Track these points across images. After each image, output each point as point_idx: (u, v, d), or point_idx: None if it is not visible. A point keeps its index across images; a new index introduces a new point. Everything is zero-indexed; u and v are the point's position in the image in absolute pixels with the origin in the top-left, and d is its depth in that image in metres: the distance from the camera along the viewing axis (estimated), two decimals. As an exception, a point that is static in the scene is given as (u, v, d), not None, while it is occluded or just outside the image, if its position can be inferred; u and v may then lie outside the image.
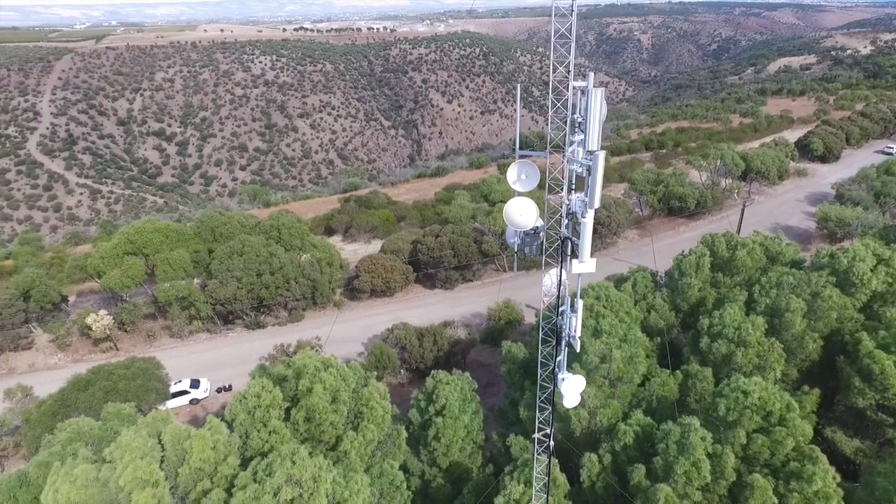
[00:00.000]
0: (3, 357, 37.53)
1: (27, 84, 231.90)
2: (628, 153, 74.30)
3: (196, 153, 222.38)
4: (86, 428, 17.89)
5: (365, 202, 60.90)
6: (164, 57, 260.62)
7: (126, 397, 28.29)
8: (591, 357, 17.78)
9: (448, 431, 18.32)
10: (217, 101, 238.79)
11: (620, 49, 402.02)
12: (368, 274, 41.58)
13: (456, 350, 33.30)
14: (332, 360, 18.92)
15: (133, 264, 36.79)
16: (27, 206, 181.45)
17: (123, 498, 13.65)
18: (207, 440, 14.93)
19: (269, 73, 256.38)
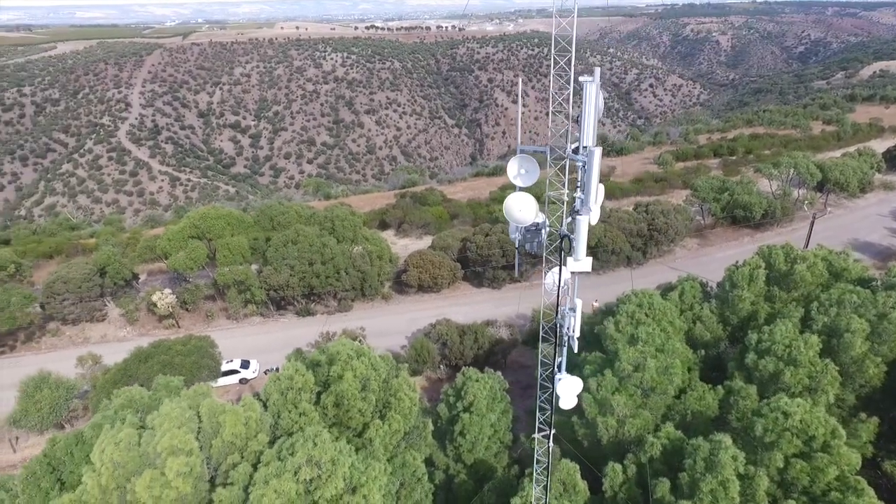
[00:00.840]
0: (80, 327, 40.77)
1: (121, 77, 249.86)
2: (695, 159, 71.20)
3: (267, 146, 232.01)
4: (136, 396, 19.17)
5: (420, 199, 61.60)
6: (243, 53, 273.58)
7: (180, 372, 30.06)
8: (624, 365, 17.29)
9: (474, 428, 18.35)
10: (289, 96, 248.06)
11: (696, 50, 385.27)
12: (416, 269, 42.11)
13: (497, 349, 33.19)
14: (364, 349, 19.36)
15: (196, 247, 38.99)
16: (115, 190, 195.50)
17: (160, 462, 14.57)
18: (240, 416, 15.68)
19: (340, 69, 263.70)
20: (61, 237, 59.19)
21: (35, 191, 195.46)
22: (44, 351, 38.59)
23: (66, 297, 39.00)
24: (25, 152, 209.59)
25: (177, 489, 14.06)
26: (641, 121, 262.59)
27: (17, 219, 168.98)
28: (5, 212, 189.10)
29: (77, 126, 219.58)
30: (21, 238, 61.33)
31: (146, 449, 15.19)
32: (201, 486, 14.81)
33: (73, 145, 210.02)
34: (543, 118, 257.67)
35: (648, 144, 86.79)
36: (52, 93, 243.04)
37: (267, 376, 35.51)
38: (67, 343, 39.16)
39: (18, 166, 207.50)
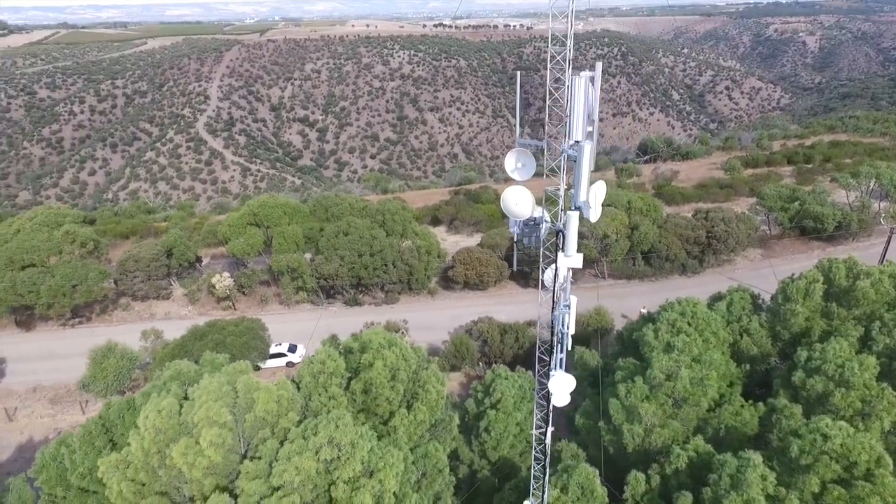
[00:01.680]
0: (147, 303, 43.69)
1: (202, 71, 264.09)
2: (766, 166, 67.41)
3: (333, 140, 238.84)
4: (184, 369, 20.42)
5: (473, 196, 61.75)
6: (315, 49, 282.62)
7: (231, 351, 31.66)
8: (656, 373, 16.79)
9: (499, 425, 18.36)
10: (356, 92, 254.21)
11: (779, 52, 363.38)
12: (463, 266, 42.32)
13: (537, 351, 32.86)
14: (396, 339, 19.75)
15: (253, 234, 40.87)
16: (191, 178, 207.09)
17: (196, 432, 15.52)
18: (273, 394, 16.42)
19: (406, 67, 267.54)
20: (138, 220, 63.49)
21: (121, 176, 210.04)
22: (115, 323, 41.62)
23: (136, 274, 41.91)
24: (115, 140, 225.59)
25: (208, 458, 14.93)
26: (715, 125, 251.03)
27: (105, 201, 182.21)
28: (95, 194, 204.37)
29: (161, 117, 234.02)
30: (104, 219, 66.25)
31: (185, 418, 16.21)
32: (232, 457, 15.65)
33: (157, 135, 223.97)
34: (609, 119, 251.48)
35: (717, 149, 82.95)
36: (141, 85, 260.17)
37: (312, 361, 36.98)
38: (135, 317, 42.07)
39: (109, 153, 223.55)
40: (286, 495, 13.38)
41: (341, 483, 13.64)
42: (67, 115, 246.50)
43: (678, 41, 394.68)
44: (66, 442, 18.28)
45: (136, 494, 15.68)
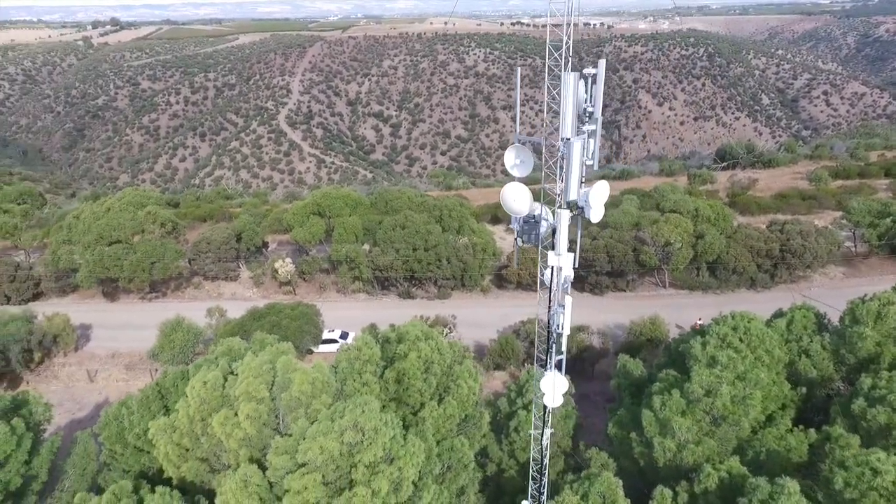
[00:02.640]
0: (216, 283, 46.49)
1: (286, 66, 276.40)
2: (858, 177, 62.15)
3: (406, 135, 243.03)
4: (235, 346, 21.65)
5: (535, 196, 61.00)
6: (393, 46, 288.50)
7: (285, 333, 33.14)
8: (694, 387, 16.05)
9: (528, 427, 18.17)
10: (430, 89, 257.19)
11: (890, 54, 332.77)
12: (518, 266, 42.00)
13: (585, 356, 32.20)
14: (433, 332, 20.00)
15: (315, 223, 42.50)
16: (270, 168, 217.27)
17: (235, 405, 16.48)
18: (308, 376, 17.10)
19: (481, 65, 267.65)
20: (216, 204, 67.56)
21: (208, 163, 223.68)
22: (186, 300, 44.60)
23: (208, 255, 44.70)
24: (204, 129, 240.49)
25: (244, 430, 15.82)
26: (808, 132, 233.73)
27: (192, 186, 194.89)
28: (184, 179, 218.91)
29: (246, 109, 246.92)
30: (186, 202, 71.04)
31: (227, 391, 17.23)
32: (266, 431, 16.48)
33: (241, 125, 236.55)
34: (690, 123, 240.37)
35: (804, 158, 77.33)
36: (230, 78, 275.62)
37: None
38: (205, 296, 44.88)
39: (198, 141, 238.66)
40: (309, 472, 13.95)
41: (362, 466, 14.05)
42: (165, 105, 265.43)
43: (772, 42, 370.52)
44: (127, 404, 19.90)
45: (179, 457, 16.86)
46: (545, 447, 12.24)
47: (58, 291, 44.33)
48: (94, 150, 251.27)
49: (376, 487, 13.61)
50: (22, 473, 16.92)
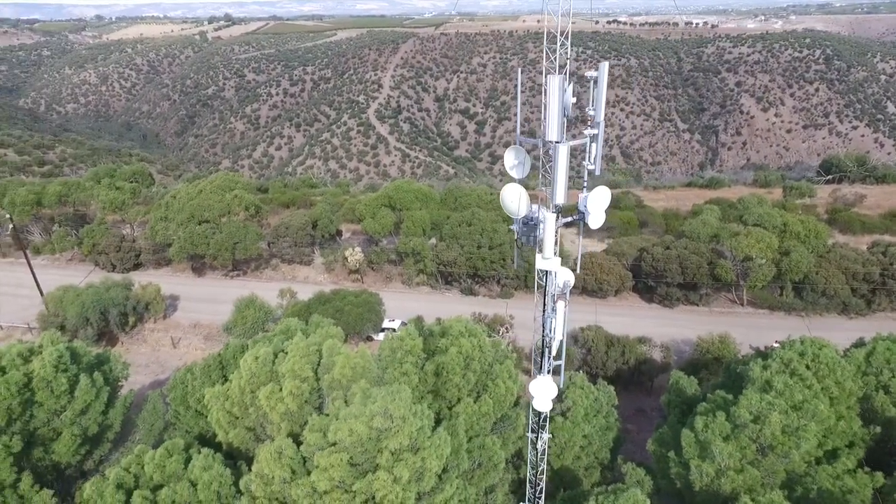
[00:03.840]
0: (292, 267, 49.07)
1: (379, 61, 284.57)
2: None
3: (490, 133, 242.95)
4: (292, 326, 22.86)
5: (613, 201, 59.11)
6: (484, 43, 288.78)
7: (347, 319, 34.51)
8: (741, 411, 15.06)
9: (564, 434, 17.87)
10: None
11: None
12: (582, 271, 41.01)
13: (644, 369, 30.98)
14: (478, 330, 20.09)
15: (385, 215, 43.71)
16: (357, 159, 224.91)
17: (282, 381, 17.48)
18: (350, 360, 17.81)
19: (572, 64, 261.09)
20: (300, 192, 71.10)
21: (301, 153, 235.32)
22: (264, 280, 47.43)
23: (285, 240, 47.29)
24: (300, 120, 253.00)
25: (286, 405, 16.75)
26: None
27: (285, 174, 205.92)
28: (279, 167, 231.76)
29: (339, 102, 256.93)
30: (274, 188, 75.33)
31: (276, 368, 18.29)
32: (307, 408, 17.35)
33: (333, 118, 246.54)
34: (798, 131, 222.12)
35: (928, 174, 69.26)
36: (326, 73, 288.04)
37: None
38: (280, 277, 47.51)
39: (293, 131, 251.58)
40: (337, 452, 14.56)
41: (387, 452, 14.46)
42: (266, 96, 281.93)
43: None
44: (192, 370, 21.64)
45: (229, 424, 18.14)
46: (540, 452, 12.04)
47: (154, 263, 48.68)
48: (202, 136, 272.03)
49: (398, 474, 13.98)
50: (99, 422, 18.91)
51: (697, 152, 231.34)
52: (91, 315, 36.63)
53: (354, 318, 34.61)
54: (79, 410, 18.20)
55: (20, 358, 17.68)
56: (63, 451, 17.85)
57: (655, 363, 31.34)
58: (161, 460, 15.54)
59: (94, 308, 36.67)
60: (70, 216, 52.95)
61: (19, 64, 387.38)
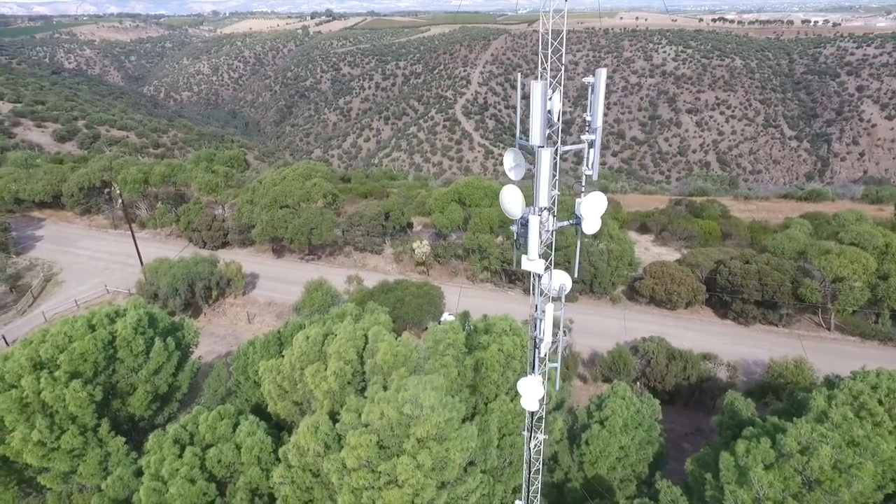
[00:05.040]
0: (363, 255, 50.91)
1: (469, 57, 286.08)
2: None
3: (577, 133, 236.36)
4: (348, 311, 23.98)
5: (695, 209, 56.25)
6: (577, 41, 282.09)
7: (407, 309, 35.49)
8: (788, 440, 14.09)
9: (600, 443, 17.54)
10: (610, 87, 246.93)
11: None
12: (652, 279, 39.54)
13: (706, 387, 29.46)
14: (521, 329, 20.12)
15: (454, 211, 44.25)
16: (441, 154, 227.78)
17: (327, 361, 18.47)
18: (392, 346, 18.48)
19: (670, 63, 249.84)
20: (380, 183, 73.40)
21: (388, 145, 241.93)
22: (336, 266, 49.58)
23: (358, 229, 49.15)
24: (388, 114, 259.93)
25: (329, 384, 17.71)
26: None
27: (370, 165, 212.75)
28: (366, 158, 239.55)
29: (427, 97, 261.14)
30: (356, 178, 78.30)
31: (324, 348, 19.33)
32: (348, 388, 18.22)
33: (421, 112, 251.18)
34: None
35: None
36: (417, 68, 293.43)
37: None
38: (351, 264, 49.46)
39: (382, 124, 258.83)
40: (368, 433, 15.25)
41: (413, 439, 14.95)
42: (359, 89, 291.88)
43: None
44: (254, 343, 23.30)
45: (279, 396, 19.42)
46: (532, 452, 11.95)
47: (240, 243, 52.29)
48: (298, 125, 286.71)
49: (421, 461, 14.42)
50: (169, 382, 20.89)
51: (805, 162, 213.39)
52: (180, 286, 40.10)
53: (414, 308, 35.49)
54: (152, 370, 20.19)
55: (107, 318, 19.87)
56: (137, 405, 19.90)
57: (719, 382, 29.69)
58: (213, 422, 16.98)
59: (183, 280, 40.12)
60: (172, 195, 57.97)
61: (146, 55, 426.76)
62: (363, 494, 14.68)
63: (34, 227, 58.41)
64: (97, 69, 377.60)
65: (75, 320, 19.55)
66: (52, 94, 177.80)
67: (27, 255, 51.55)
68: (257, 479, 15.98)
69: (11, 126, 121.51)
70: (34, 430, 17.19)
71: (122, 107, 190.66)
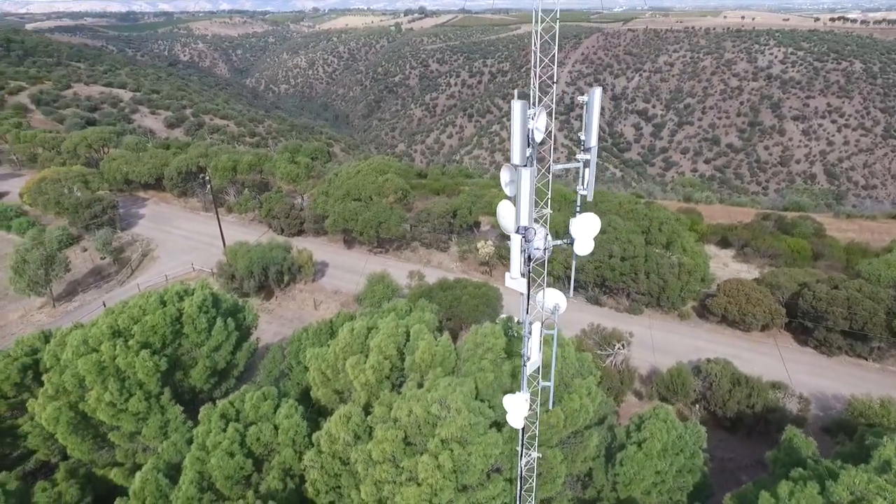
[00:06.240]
0: (429, 251, 51.66)
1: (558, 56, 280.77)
2: None
3: (668, 137, 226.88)
4: (399, 306, 24.53)
5: (785, 225, 52.27)
6: (674, 41, 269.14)
7: (462, 308, 35.70)
8: (839, 489, 12.88)
9: (634, 465, 16.88)
10: (707, 90, 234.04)
11: None
12: (726, 297, 37.24)
13: (771, 418, 27.43)
14: (565, 340, 19.71)
15: (520, 213, 43.84)
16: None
17: (369, 353, 19.06)
18: (430, 345, 18.76)
19: (777, 66, 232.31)
20: (454, 181, 74.02)
21: (469, 142, 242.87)
22: (401, 260, 50.69)
23: (426, 225, 49.94)
24: (472, 111, 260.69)
25: (366, 376, 18.26)
26: None
27: (451, 162, 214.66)
28: (447, 154, 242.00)
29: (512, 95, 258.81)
30: (433, 174, 79.47)
31: (367, 341, 19.94)
32: (385, 383, 18.70)
33: (505, 110, 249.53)
34: None
35: None
36: (505, 66, 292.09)
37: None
38: (417, 259, 50.37)
39: (465, 121, 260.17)
40: (395, 428, 15.62)
41: (437, 439, 15.13)
42: (445, 86, 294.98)
43: None
44: (308, 330, 24.42)
45: (322, 383, 20.25)
46: (522, 469, 11.64)
47: (314, 232, 54.72)
48: (384, 119, 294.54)
49: (441, 462, 14.58)
50: (227, 360, 22.40)
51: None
52: (255, 269, 42.65)
53: (470, 308, 35.63)
54: (213, 347, 21.73)
55: (177, 296, 21.60)
56: (197, 378, 21.51)
57: (788, 414, 27.53)
58: (258, 402, 18.05)
59: (258, 264, 42.64)
60: (257, 183, 61.65)
61: (250, 49, 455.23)
62: (384, 487, 15.08)
63: (138, 205, 64.23)
64: (207, 62, 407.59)
65: (150, 295, 21.42)
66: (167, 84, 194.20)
67: (130, 231, 56.81)
68: (290, 459, 16.82)
69: (130, 112, 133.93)
70: (106, 392, 19.03)
71: (225, 97, 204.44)
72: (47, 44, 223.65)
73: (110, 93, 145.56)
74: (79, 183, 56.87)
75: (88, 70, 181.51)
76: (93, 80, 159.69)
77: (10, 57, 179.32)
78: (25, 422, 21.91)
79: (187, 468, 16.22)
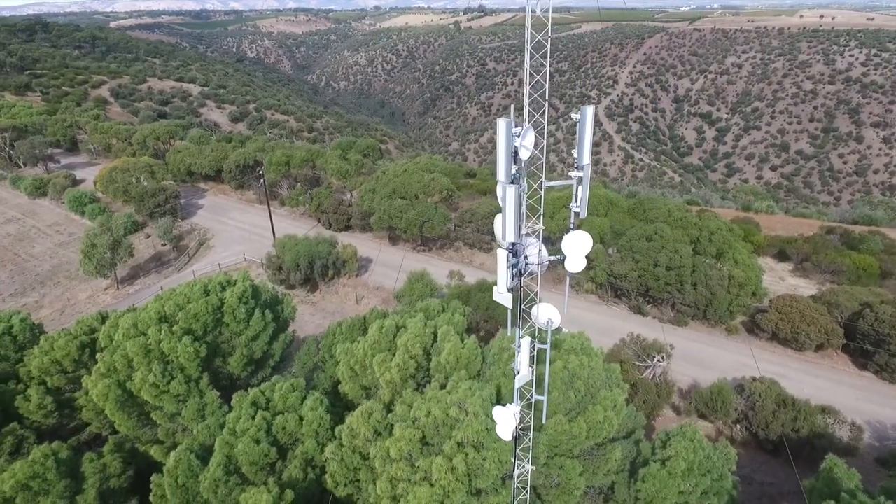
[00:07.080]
0: (472, 251, 51.74)
1: (619, 56, 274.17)
2: None
3: (732, 142, 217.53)
4: (431, 306, 24.80)
5: (851, 240, 49.19)
6: (744, 41, 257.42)
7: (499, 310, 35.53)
8: (871, 526, 12.16)
9: (656, 483, 16.44)
10: (777, 94, 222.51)
11: None
12: (777, 314, 35.46)
13: (818, 444, 25.96)
14: (592, 350, 19.41)
15: (564, 217, 43.18)
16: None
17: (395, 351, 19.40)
18: (456, 349, 18.92)
19: (857, 69, 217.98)
20: (501, 181, 73.70)
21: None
22: (444, 259, 50.99)
23: (470, 224, 50.04)
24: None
25: (392, 374, 18.60)
26: None
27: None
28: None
29: (570, 95, 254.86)
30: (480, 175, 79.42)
31: (395, 340, 20.29)
32: (410, 382, 18.99)
33: (561, 111, 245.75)
34: None
35: None
36: (563, 65, 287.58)
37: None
38: (459, 259, 50.55)
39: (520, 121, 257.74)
40: (413, 427, 15.87)
41: (453, 442, 15.26)
42: (501, 84, 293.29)
43: None
44: (342, 325, 25.06)
45: (350, 378, 20.76)
46: (516, 480, 11.48)
47: (360, 228, 55.86)
48: (439, 118, 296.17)
49: (455, 464, 14.70)
50: (263, 350, 23.32)
51: None
52: (301, 262, 44.01)
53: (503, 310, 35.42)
54: (250, 336, 22.68)
55: (220, 286, 22.66)
56: (234, 365, 22.51)
57: (837, 441, 25.98)
58: (286, 392, 18.72)
59: (304, 257, 43.98)
60: (309, 178, 63.51)
61: (313, 46, 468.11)
62: (399, 485, 15.35)
63: (199, 196, 67.49)
64: (272, 58, 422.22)
65: (195, 284, 22.57)
66: (233, 79, 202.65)
67: (189, 220, 59.81)
68: (313, 450, 17.36)
69: (199, 106, 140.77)
70: (150, 374, 20.22)
71: (287, 93, 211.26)
72: (127, 40, 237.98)
73: (181, 87, 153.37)
74: (145, 173, 60.35)
75: (163, 65, 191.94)
76: (166, 74, 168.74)
77: (95, 53, 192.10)
78: (81, 395, 23.57)
79: (217, 451, 17.05)
